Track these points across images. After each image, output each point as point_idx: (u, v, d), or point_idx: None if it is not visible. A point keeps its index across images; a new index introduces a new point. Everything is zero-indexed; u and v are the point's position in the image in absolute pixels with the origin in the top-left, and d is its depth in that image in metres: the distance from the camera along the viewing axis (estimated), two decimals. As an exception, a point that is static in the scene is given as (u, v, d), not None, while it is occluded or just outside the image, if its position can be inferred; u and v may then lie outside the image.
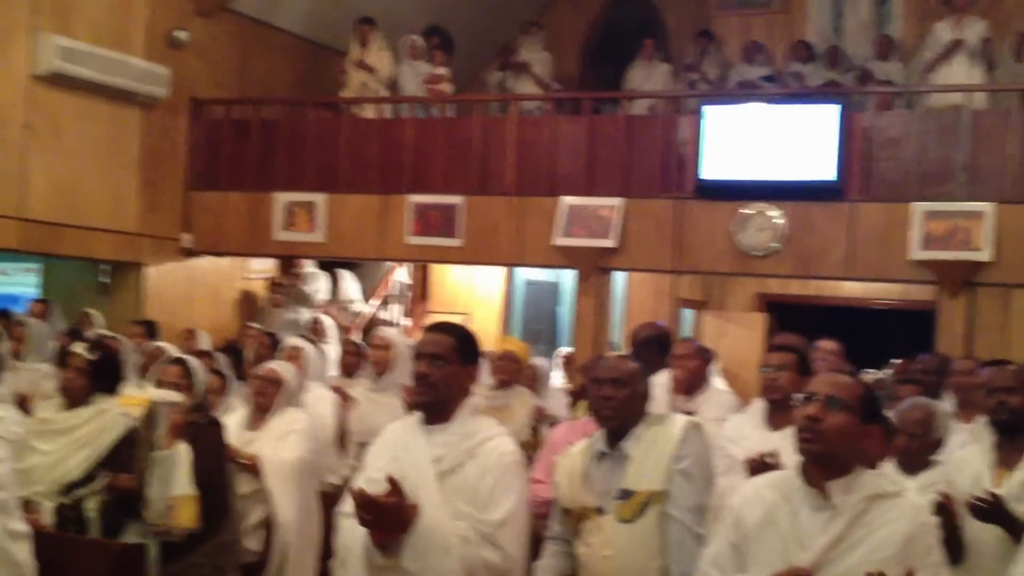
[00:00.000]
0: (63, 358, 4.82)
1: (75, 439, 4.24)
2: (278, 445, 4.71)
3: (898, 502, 2.62)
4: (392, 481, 2.79)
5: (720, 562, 2.74)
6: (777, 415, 4.04)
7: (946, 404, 4.87)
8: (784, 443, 3.83)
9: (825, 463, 2.64)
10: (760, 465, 3.68)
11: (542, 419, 5.52)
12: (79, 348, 4.43)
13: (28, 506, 3.89)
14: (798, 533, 2.61)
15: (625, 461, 3.40)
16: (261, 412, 4.84)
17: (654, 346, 5.25)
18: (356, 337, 8.75)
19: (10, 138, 7.96)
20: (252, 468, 4.61)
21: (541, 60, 10.44)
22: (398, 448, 2.99)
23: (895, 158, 7.65)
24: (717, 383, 6.31)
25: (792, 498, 2.67)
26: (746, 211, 7.75)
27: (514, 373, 5.79)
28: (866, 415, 2.67)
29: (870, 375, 8.30)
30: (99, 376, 4.37)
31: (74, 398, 4.33)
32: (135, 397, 4.78)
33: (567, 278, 11.11)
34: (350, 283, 10.78)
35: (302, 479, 4.72)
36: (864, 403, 2.67)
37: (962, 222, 7.23)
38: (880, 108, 8.02)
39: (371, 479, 2.97)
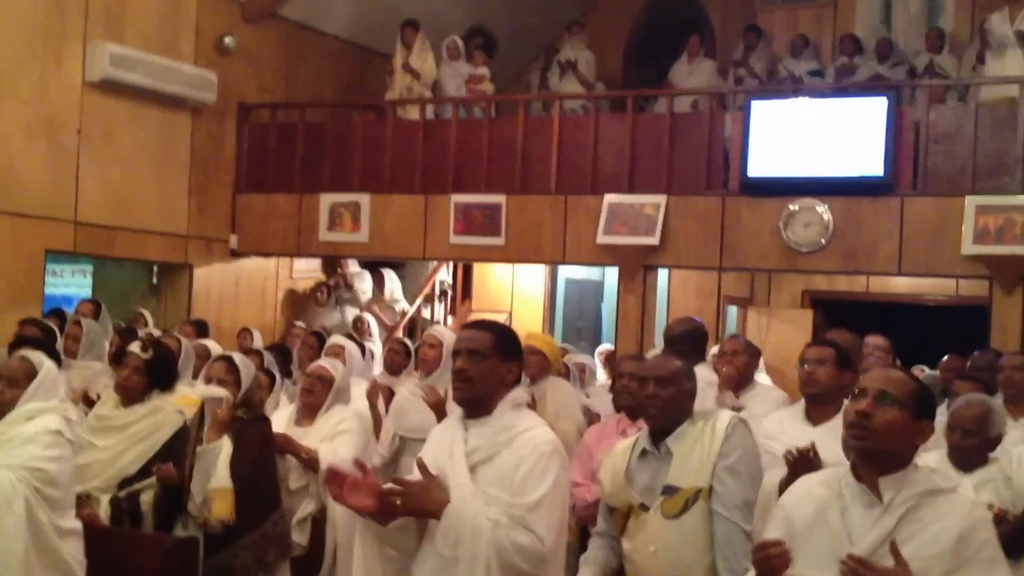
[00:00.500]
0: (117, 357, 4.92)
1: (131, 435, 4.34)
2: (330, 444, 4.73)
3: (952, 498, 2.58)
4: (422, 466, 2.85)
5: None
6: (816, 409, 3.99)
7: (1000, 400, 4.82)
8: (824, 438, 3.82)
9: (876, 459, 2.60)
10: (798, 460, 3.66)
11: None
12: (134, 347, 4.52)
13: (84, 501, 3.99)
14: (848, 530, 2.58)
15: (669, 458, 3.41)
16: (310, 409, 4.89)
17: (690, 341, 5.16)
18: (399, 336, 8.83)
19: (65, 144, 8.12)
20: (311, 463, 4.65)
21: (585, 59, 10.43)
22: (440, 445, 3.02)
23: (947, 152, 7.55)
24: (763, 380, 6.28)
25: (843, 495, 2.64)
26: (793, 207, 7.70)
27: (540, 365, 5.78)
28: (919, 411, 2.62)
29: (922, 372, 8.21)
30: (154, 374, 4.46)
31: (130, 396, 4.43)
32: (189, 396, 4.87)
33: (610, 276, 11.10)
34: (394, 282, 10.86)
35: None
36: (916, 399, 2.63)
37: (1016, 216, 7.10)
38: (932, 102, 7.91)
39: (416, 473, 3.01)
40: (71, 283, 10.10)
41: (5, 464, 3.51)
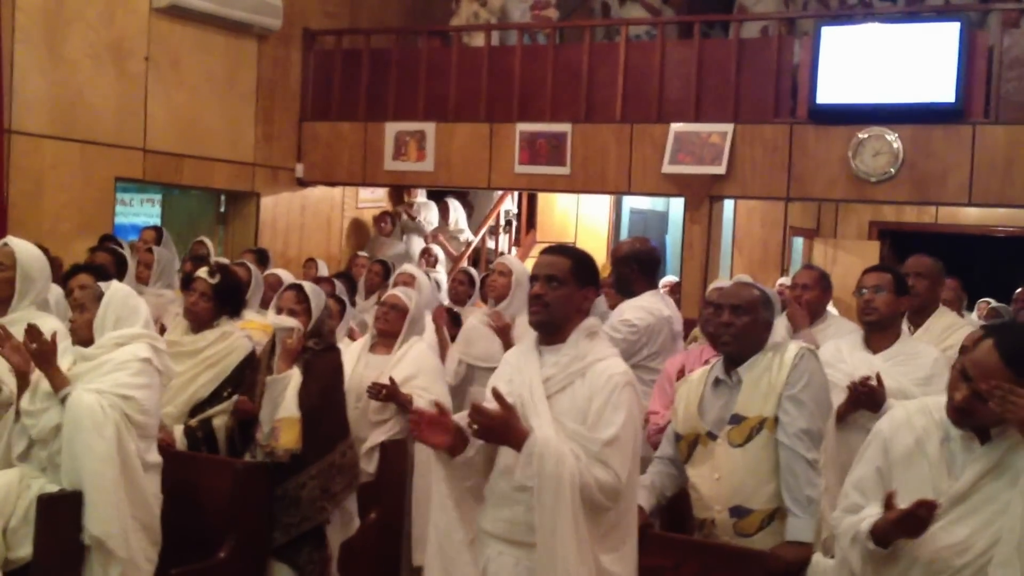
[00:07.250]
0: (186, 283, 5.01)
1: (202, 360, 4.43)
2: (422, 390, 4.70)
3: None
4: (498, 396, 2.85)
5: (863, 486, 2.72)
6: (876, 337, 3.98)
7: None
8: (884, 365, 3.80)
9: (979, 398, 2.55)
10: (861, 389, 3.64)
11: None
12: (202, 272, 4.60)
13: (159, 424, 4.04)
14: (948, 462, 2.58)
15: (738, 387, 3.42)
16: (384, 337, 4.89)
17: (632, 264, 4.92)
18: (464, 266, 8.89)
19: (133, 71, 8.18)
20: (407, 407, 4.63)
21: (650, -17, 10.23)
22: (514, 370, 3.03)
23: (1021, 78, 7.30)
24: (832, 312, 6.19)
25: (943, 425, 2.62)
26: (862, 135, 7.54)
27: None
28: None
29: (988, 305, 8.09)
30: (222, 300, 4.54)
31: (199, 321, 4.52)
32: (256, 322, 4.97)
33: (675, 207, 11.02)
34: (459, 212, 10.89)
35: None
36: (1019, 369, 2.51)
37: (1093, 144, 6.90)
38: (1006, 26, 7.65)
39: (489, 400, 3.03)
40: (140, 212, 10.28)
41: (95, 388, 3.52)
